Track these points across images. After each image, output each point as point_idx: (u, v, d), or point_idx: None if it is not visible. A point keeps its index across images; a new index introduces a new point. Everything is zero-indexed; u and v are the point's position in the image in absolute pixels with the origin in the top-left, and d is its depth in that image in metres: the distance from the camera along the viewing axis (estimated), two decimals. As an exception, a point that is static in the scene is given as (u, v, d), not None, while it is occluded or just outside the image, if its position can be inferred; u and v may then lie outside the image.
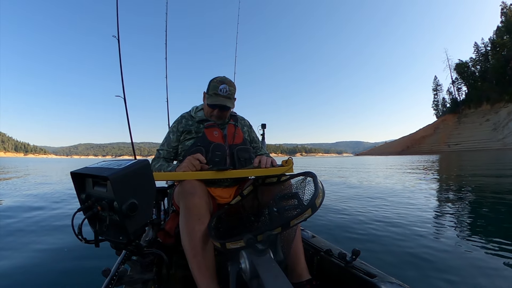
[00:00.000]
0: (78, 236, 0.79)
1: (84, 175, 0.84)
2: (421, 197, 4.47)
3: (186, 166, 1.16)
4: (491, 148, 69.64)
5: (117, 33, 2.49)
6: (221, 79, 1.38)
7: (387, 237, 2.41)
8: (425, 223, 2.85)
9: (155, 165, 1.34)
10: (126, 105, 2.56)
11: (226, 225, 1.16)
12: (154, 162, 1.37)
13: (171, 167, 1.26)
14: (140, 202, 0.79)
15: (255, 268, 0.73)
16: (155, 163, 1.36)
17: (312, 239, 1.37)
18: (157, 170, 1.30)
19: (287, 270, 1.09)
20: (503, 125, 73.71)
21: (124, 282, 0.94)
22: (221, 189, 1.34)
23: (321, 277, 1.18)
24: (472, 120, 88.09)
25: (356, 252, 1.05)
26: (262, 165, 1.24)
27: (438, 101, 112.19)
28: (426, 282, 1.61)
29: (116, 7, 2.47)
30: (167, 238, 1.26)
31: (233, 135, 1.41)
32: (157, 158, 1.41)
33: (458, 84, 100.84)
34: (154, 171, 1.29)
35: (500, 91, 79.52)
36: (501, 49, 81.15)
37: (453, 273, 1.69)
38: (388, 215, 3.24)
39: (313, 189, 0.92)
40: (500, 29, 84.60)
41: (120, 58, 2.56)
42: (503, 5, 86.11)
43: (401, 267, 1.80)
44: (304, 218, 0.80)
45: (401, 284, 0.89)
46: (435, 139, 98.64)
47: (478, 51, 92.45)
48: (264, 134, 2.93)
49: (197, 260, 0.99)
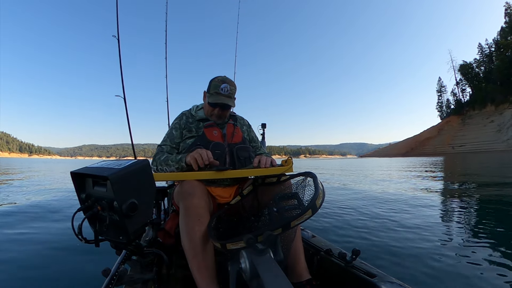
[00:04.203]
0: (78, 236, 0.79)
1: (84, 175, 0.84)
2: (421, 198, 4.45)
3: (198, 156, 1.14)
4: (496, 149, 68.94)
5: (117, 33, 2.52)
6: (222, 78, 1.39)
7: (387, 237, 2.40)
8: (426, 223, 2.83)
9: (160, 157, 1.30)
10: (126, 105, 2.58)
11: (226, 225, 1.16)
12: (158, 155, 1.33)
13: (180, 155, 1.23)
14: (140, 202, 0.79)
15: (255, 268, 0.72)
16: (160, 155, 1.31)
17: (312, 239, 1.37)
18: (163, 162, 1.26)
19: (287, 270, 1.08)
20: (507, 126, 72.98)
21: (124, 282, 0.94)
22: (221, 189, 1.34)
23: (321, 277, 1.17)
24: (477, 121, 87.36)
25: (356, 252, 1.05)
26: (262, 165, 1.23)
27: (442, 102, 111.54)
28: (426, 282, 1.60)
29: (116, 7, 2.50)
30: (167, 238, 1.26)
31: (232, 134, 1.41)
32: (160, 152, 1.36)
33: (462, 86, 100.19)
34: (159, 163, 1.28)
35: (504, 92, 78.79)
36: (505, 50, 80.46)
37: (453, 273, 1.68)
38: (388, 215, 3.23)
39: (313, 189, 0.92)
40: (504, 29, 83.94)
41: (120, 58, 2.59)
42: (507, 5, 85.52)
43: (401, 267, 1.79)
44: (304, 219, 0.79)
45: (401, 284, 0.89)
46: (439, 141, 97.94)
47: (482, 52, 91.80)
48: (264, 133, 2.92)
49: (197, 260, 0.99)
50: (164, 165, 1.26)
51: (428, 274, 1.69)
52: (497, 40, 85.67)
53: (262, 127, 2.90)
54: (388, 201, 4.31)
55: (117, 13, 2.50)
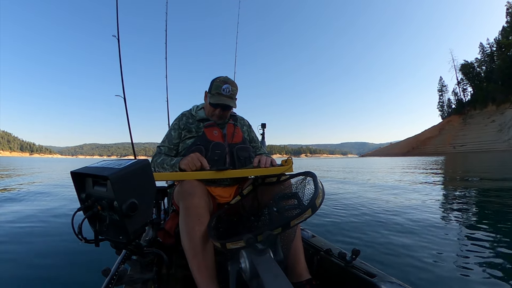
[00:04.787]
0: (78, 236, 0.79)
1: (84, 174, 0.84)
2: (422, 199, 4.43)
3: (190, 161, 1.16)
4: (497, 149, 68.83)
5: (117, 33, 2.52)
6: (224, 79, 1.39)
7: (387, 237, 2.40)
8: (426, 224, 2.83)
9: (157, 159, 1.32)
10: (126, 104, 2.58)
11: (226, 225, 1.16)
12: (155, 157, 1.36)
13: (175, 160, 1.24)
14: (140, 201, 0.79)
15: (255, 268, 0.72)
16: (157, 158, 1.34)
17: (312, 239, 1.37)
18: (159, 165, 1.28)
19: (287, 270, 1.08)
20: (508, 126, 72.84)
21: (124, 281, 0.94)
22: (221, 189, 1.34)
23: (321, 276, 1.17)
24: (478, 121, 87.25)
25: (356, 251, 1.04)
26: (262, 165, 1.24)
27: (443, 102, 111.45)
28: (426, 282, 1.60)
29: (116, 7, 2.50)
30: (167, 237, 1.27)
31: (233, 134, 1.42)
32: (158, 154, 1.39)
33: (463, 85, 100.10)
34: (156, 165, 1.30)
35: (506, 92, 78.67)
36: (506, 50, 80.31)
37: (453, 273, 1.68)
38: (388, 216, 3.23)
39: (313, 189, 0.92)
40: (505, 29, 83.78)
41: (120, 58, 2.60)
42: (508, 5, 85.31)
43: (401, 267, 1.79)
44: (304, 219, 0.79)
45: (401, 284, 0.88)
46: (441, 140, 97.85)
47: (483, 51, 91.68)
48: (264, 133, 2.92)
49: (197, 260, 0.99)
50: (160, 167, 1.28)
51: (428, 274, 1.69)
52: (498, 40, 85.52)
53: (262, 127, 2.90)
54: (388, 201, 4.30)
55: (117, 13, 2.50)
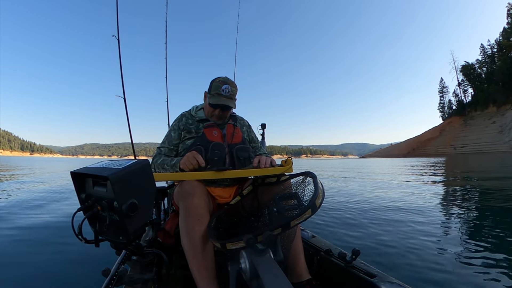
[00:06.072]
0: (78, 236, 0.79)
1: (84, 175, 0.84)
2: (423, 199, 4.43)
3: (186, 160, 1.17)
4: (498, 150, 68.71)
5: (117, 33, 2.53)
6: (223, 79, 1.39)
7: (387, 238, 2.40)
8: (427, 224, 2.82)
9: (157, 160, 1.33)
10: (126, 105, 2.59)
11: (226, 225, 1.16)
12: (155, 158, 1.37)
13: (175, 160, 1.25)
14: (140, 202, 0.79)
15: (255, 268, 0.72)
16: (157, 159, 1.35)
17: (312, 239, 1.37)
18: (160, 165, 1.29)
19: (287, 270, 1.08)
20: (509, 127, 72.75)
21: (124, 282, 0.94)
22: (221, 189, 1.34)
23: (321, 277, 1.17)
24: (478, 122, 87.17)
25: (356, 252, 1.04)
26: (262, 165, 1.24)
27: (444, 103, 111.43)
28: (426, 282, 1.59)
29: (116, 7, 2.51)
30: (167, 238, 1.27)
31: (232, 135, 1.42)
32: (158, 155, 1.40)
33: (464, 86, 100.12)
34: (156, 166, 1.31)
35: (506, 93, 78.63)
36: (507, 51, 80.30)
37: (453, 274, 1.68)
38: (388, 216, 3.23)
39: (312, 189, 0.92)
40: (506, 30, 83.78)
41: (120, 58, 2.60)
42: (509, 6, 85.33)
43: (401, 267, 1.79)
44: (304, 219, 0.79)
45: (401, 284, 0.88)
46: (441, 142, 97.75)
47: (484, 52, 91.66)
48: (264, 134, 2.92)
49: (197, 261, 0.99)
50: (160, 168, 1.29)
51: (428, 274, 1.68)
52: (499, 41, 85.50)
53: (262, 127, 2.90)
54: (389, 201, 4.29)
55: (117, 14, 2.51)
